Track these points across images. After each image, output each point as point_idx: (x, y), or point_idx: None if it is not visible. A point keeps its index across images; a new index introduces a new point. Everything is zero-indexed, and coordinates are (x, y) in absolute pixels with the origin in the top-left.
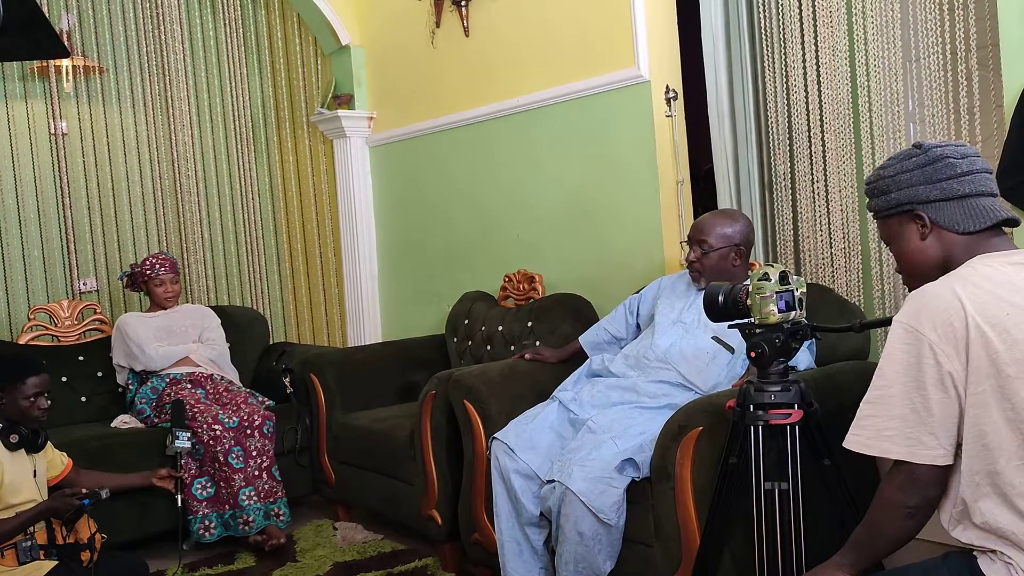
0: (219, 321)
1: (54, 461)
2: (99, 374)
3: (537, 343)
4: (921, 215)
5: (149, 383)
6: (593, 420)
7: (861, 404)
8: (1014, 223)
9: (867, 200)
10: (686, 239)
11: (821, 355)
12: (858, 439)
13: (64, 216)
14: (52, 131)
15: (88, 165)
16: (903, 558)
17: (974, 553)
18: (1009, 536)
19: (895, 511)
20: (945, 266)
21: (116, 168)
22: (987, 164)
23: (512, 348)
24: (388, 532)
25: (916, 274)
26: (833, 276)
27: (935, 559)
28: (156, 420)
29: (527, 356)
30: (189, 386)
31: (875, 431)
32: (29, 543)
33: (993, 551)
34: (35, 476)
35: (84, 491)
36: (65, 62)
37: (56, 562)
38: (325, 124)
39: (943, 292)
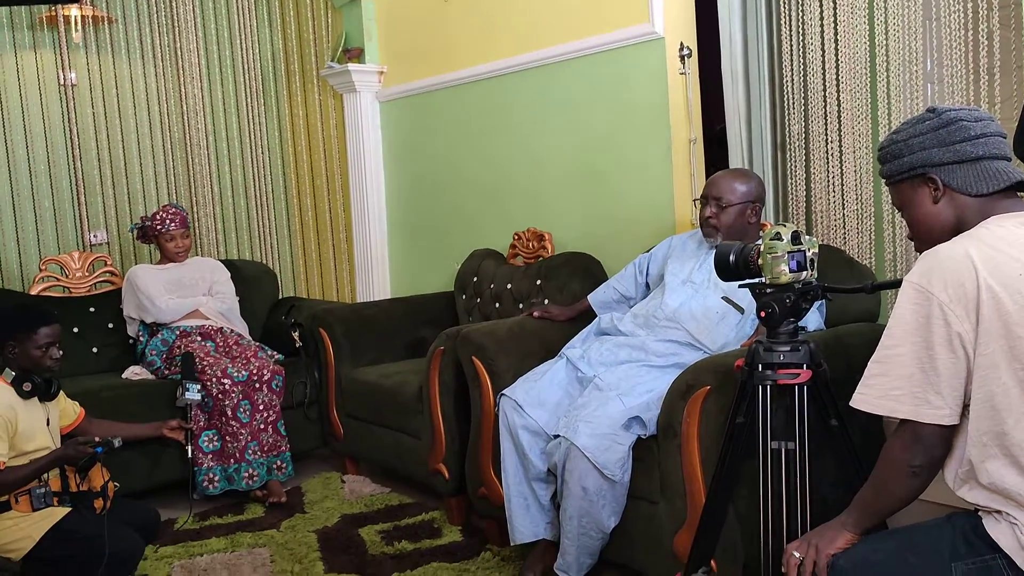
0: (229, 275)
1: (67, 410)
2: (110, 325)
3: (546, 301)
4: (934, 178)
5: (159, 335)
6: (600, 378)
7: (869, 363)
8: None
9: (879, 167)
10: (699, 198)
11: (831, 317)
12: (865, 398)
13: (74, 168)
14: (61, 81)
15: (98, 116)
16: (907, 519)
17: (979, 513)
18: (1015, 497)
19: (900, 470)
20: (957, 230)
21: (125, 120)
22: (1000, 128)
23: (521, 306)
24: (395, 486)
25: (929, 239)
26: (845, 238)
27: (939, 519)
28: (166, 372)
29: (536, 314)
30: (199, 339)
31: (882, 390)
32: (43, 490)
33: (999, 511)
34: (48, 424)
35: (97, 439)
36: (74, 11)
37: (70, 509)
38: (335, 78)
39: (955, 253)
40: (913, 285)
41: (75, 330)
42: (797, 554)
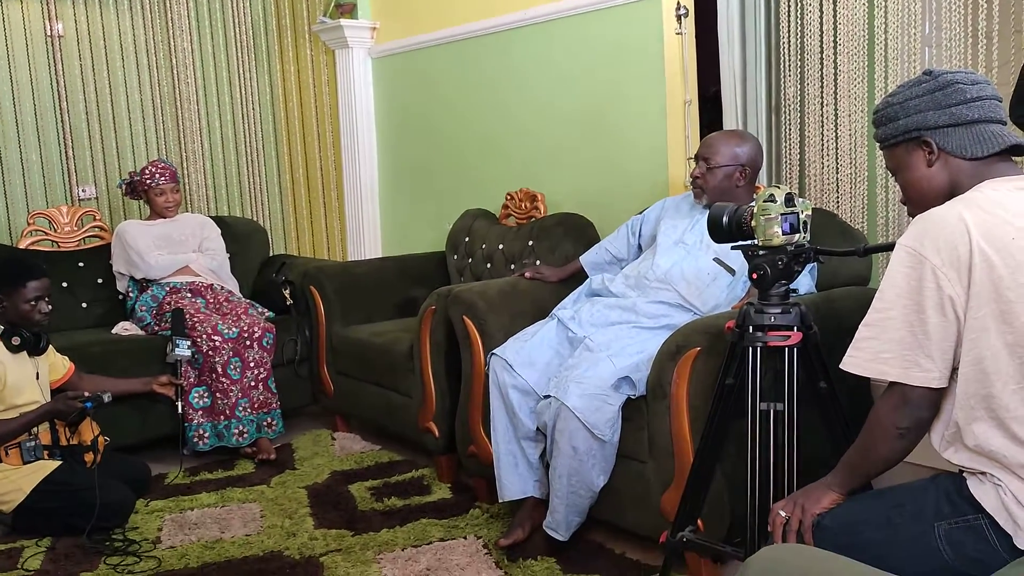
0: (219, 231)
1: (56, 364)
2: (99, 281)
3: (538, 262)
4: (929, 141)
5: (149, 291)
6: (591, 338)
7: (860, 326)
8: (1022, 150)
9: (874, 131)
10: (693, 156)
11: (822, 280)
12: (855, 361)
13: (62, 121)
14: (48, 32)
15: (85, 69)
16: (892, 479)
17: (963, 475)
18: (1000, 459)
19: (887, 432)
20: (951, 194)
21: (114, 73)
22: (996, 92)
23: (512, 267)
24: (385, 443)
25: (922, 203)
26: (838, 201)
27: (923, 480)
28: (156, 328)
29: (527, 274)
30: (189, 295)
31: (873, 353)
32: (33, 443)
33: (983, 473)
34: (37, 378)
35: (87, 394)
36: None
37: (60, 462)
38: (327, 33)
39: (948, 216)
40: (906, 248)
41: (64, 285)
42: (783, 513)
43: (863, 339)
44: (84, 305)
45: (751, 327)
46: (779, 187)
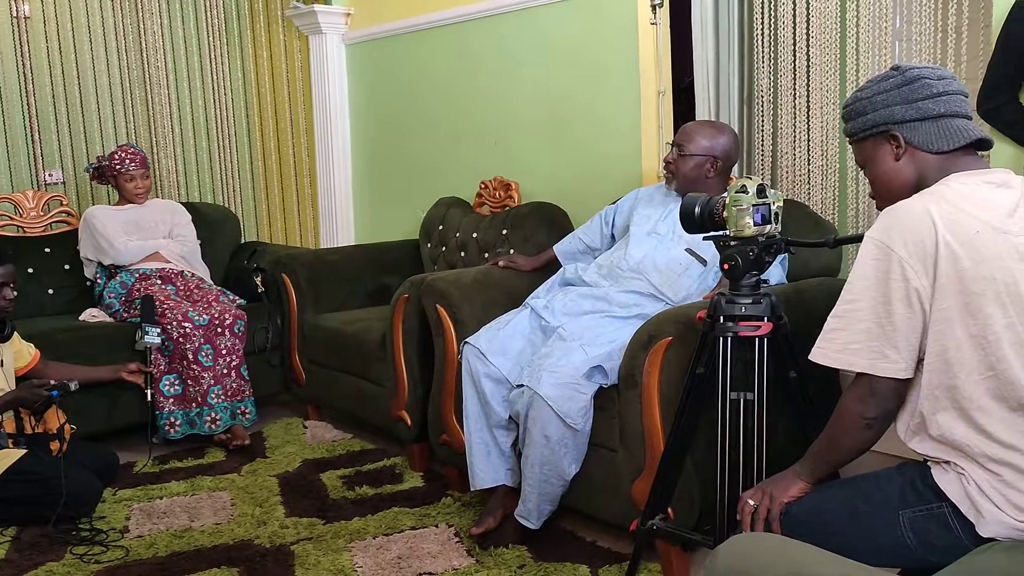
0: (190, 217)
1: (21, 352)
2: (66, 267)
3: (511, 251)
4: (896, 135)
5: (118, 277)
6: (564, 328)
7: (829, 318)
8: (987, 145)
9: (843, 125)
10: (670, 142)
11: (792, 271)
12: (824, 352)
13: (28, 104)
14: (14, 13)
15: (52, 51)
16: (858, 468)
17: (928, 464)
18: (963, 448)
19: (854, 422)
20: (918, 187)
21: (82, 56)
22: (963, 87)
23: (486, 255)
24: (357, 432)
25: (889, 196)
26: (809, 192)
27: (889, 469)
28: (125, 315)
29: (501, 263)
30: (159, 282)
31: (841, 344)
32: None
33: (947, 462)
34: (2, 366)
35: (53, 382)
36: None
37: (25, 451)
38: (301, 19)
39: (915, 209)
40: (874, 240)
41: (29, 271)
42: (752, 502)
43: (832, 330)
44: (50, 291)
45: (722, 317)
46: (751, 178)
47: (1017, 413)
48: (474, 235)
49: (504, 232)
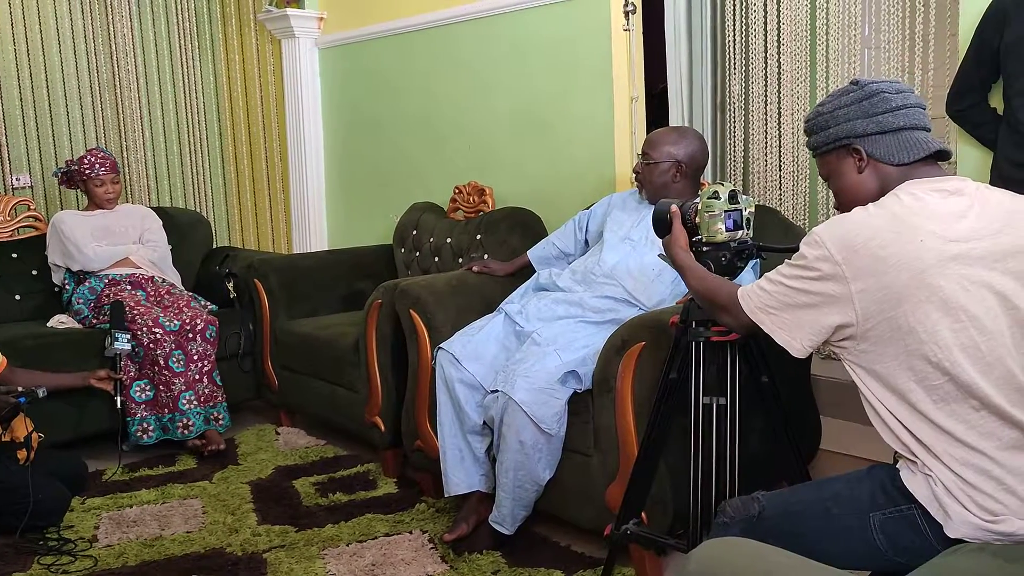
0: (160, 223)
1: None
2: (34, 272)
3: (485, 256)
4: (858, 148)
5: (87, 283)
6: (538, 333)
7: (767, 276)
8: (946, 156)
9: (806, 139)
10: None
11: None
12: (748, 304)
13: None
14: None
15: (20, 53)
16: (831, 470)
17: (897, 466)
18: (931, 448)
19: (735, 318)
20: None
21: (50, 58)
22: (920, 100)
23: (460, 260)
24: (330, 438)
25: (853, 208)
26: (780, 198)
27: (860, 471)
28: (94, 321)
29: (475, 268)
30: (129, 287)
31: (762, 304)
32: None
33: (914, 461)
34: None
35: (20, 389)
36: None
37: None
38: (273, 23)
39: (860, 217)
40: (816, 236)
41: None
42: None
43: (762, 288)
44: (17, 297)
45: (695, 322)
46: (723, 184)
47: (978, 415)
48: (448, 240)
49: (478, 237)
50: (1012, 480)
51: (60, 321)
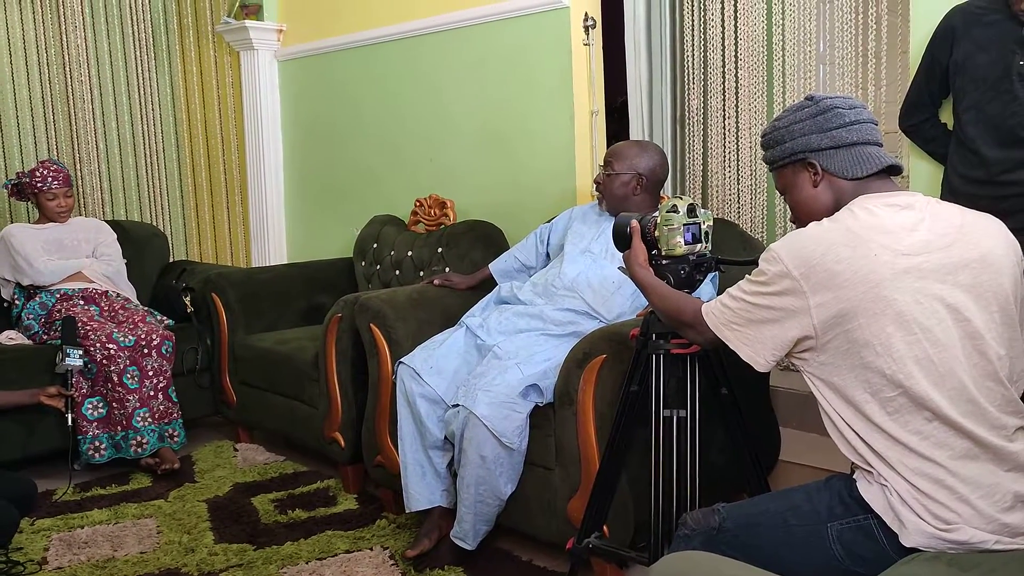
0: (115, 236)
1: None
2: None
3: (447, 269)
4: (813, 163)
5: (38, 298)
6: (499, 346)
7: (729, 292)
8: (898, 170)
9: (762, 153)
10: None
11: (723, 289)
12: (713, 319)
13: None
14: None
15: None
16: (789, 481)
17: (854, 477)
18: (886, 458)
19: (699, 333)
20: (834, 212)
21: (1, 68)
22: (872, 116)
23: (421, 274)
24: (290, 454)
25: (809, 221)
26: (739, 211)
27: (818, 482)
28: (45, 337)
29: (436, 282)
30: (82, 303)
31: (726, 320)
32: None
33: (870, 472)
34: None
35: None
36: None
37: None
38: (232, 35)
39: (815, 231)
40: (773, 252)
41: None
42: None
43: (725, 306)
44: None
45: (655, 335)
46: (682, 198)
47: (931, 426)
48: (409, 253)
49: (439, 250)
50: (965, 489)
51: (9, 337)
